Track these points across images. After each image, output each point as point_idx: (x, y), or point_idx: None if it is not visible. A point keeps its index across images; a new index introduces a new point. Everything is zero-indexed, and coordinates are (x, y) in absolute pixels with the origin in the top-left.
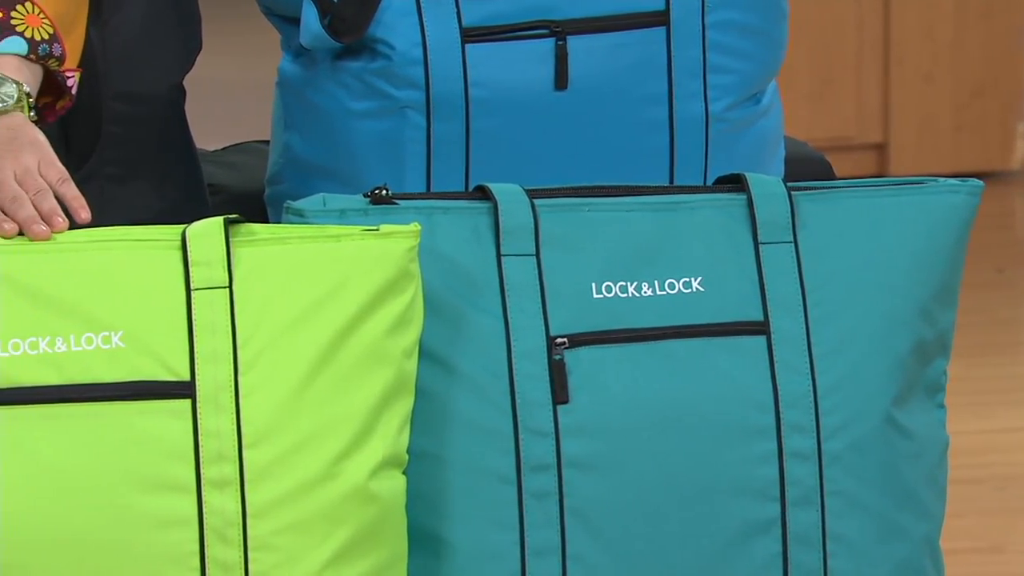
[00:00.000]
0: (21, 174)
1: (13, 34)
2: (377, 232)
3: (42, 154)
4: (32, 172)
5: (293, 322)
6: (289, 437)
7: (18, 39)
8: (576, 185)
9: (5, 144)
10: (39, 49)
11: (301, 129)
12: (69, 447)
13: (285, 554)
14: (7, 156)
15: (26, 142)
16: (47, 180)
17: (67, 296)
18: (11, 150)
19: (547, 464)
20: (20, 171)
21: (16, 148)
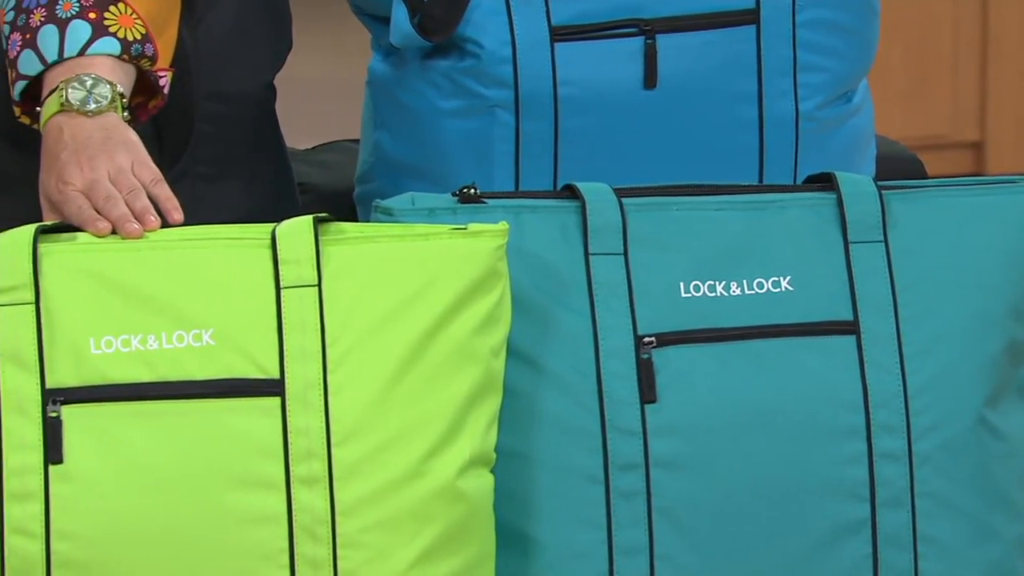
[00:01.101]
0: (115, 174)
1: (106, 35)
2: (465, 231)
3: (136, 155)
4: (125, 172)
5: (381, 320)
6: (377, 435)
7: (111, 40)
8: (664, 184)
9: (99, 144)
10: (132, 49)
11: (391, 128)
12: (161, 444)
13: (374, 552)
14: (101, 156)
15: (120, 142)
16: (140, 180)
17: (159, 294)
18: (105, 150)
19: (635, 463)
20: (114, 171)
21: (110, 148)
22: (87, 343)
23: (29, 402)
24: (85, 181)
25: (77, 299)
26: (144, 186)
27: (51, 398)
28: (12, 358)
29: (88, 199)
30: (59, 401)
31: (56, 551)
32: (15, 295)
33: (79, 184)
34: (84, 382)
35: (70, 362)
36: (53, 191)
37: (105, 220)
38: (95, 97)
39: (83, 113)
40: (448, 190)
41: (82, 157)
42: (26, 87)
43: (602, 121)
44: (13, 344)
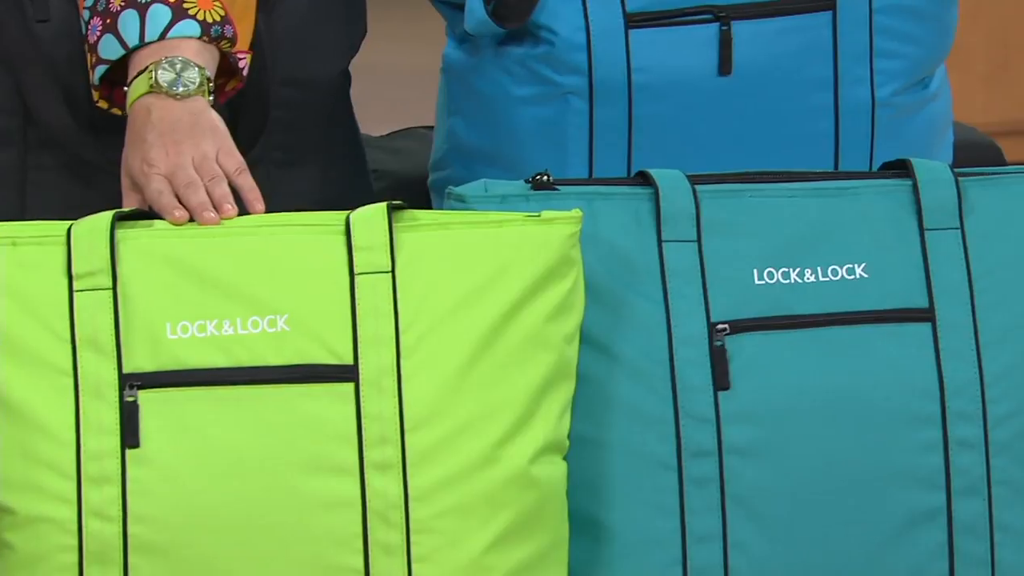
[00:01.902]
0: (199, 160)
1: (186, 17)
2: (539, 218)
3: (221, 142)
4: (209, 159)
5: (454, 307)
6: (450, 421)
7: (191, 22)
8: (738, 171)
9: (186, 129)
10: (211, 31)
11: (465, 115)
12: (236, 429)
13: (446, 537)
14: (187, 142)
15: (207, 128)
16: (224, 169)
17: (234, 280)
18: (192, 136)
19: (708, 450)
20: (198, 157)
21: (197, 134)
22: (163, 328)
23: (106, 387)
24: (169, 165)
25: (154, 285)
26: (227, 174)
27: (128, 383)
28: (90, 343)
29: (170, 183)
30: (136, 386)
31: (133, 534)
32: (93, 280)
33: (163, 168)
34: (160, 367)
35: (147, 347)
36: (137, 172)
37: (183, 209)
38: (184, 80)
39: (172, 95)
40: (521, 177)
41: (168, 141)
42: (106, 71)
43: (676, 108)
44: (91, 329)
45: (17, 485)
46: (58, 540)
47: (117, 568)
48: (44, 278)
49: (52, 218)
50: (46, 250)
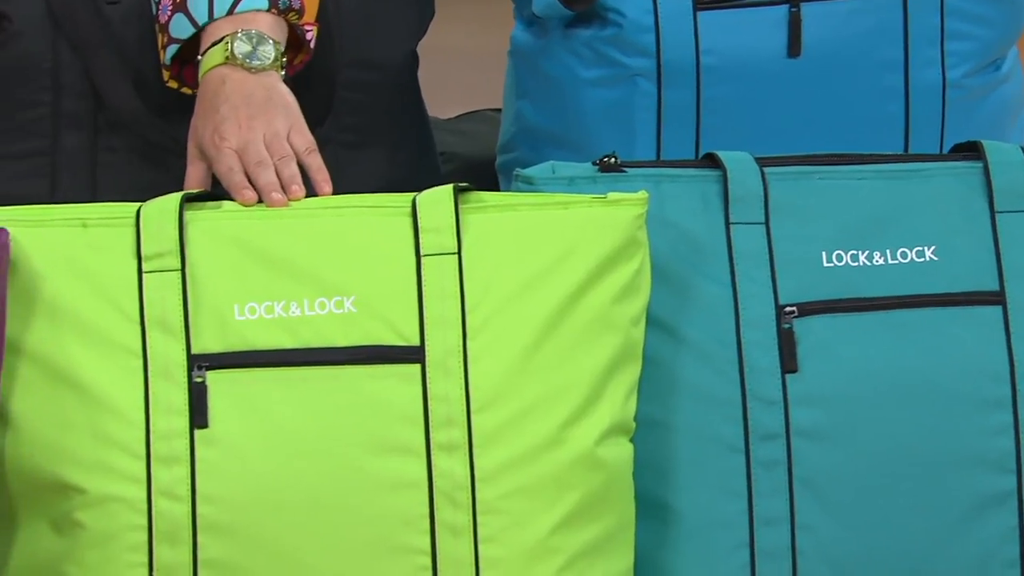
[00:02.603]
0: (270, 138)
1: None
2: (605, 200)
3: (293, 120)
4: (281, 137)
5: (521, 289)
6: (516, 402)
7: None
8: (807, 153)
9: (260, 104)
10: (279, 3)
11: (532, 97)
12: (303, 410)
13: (513, 518)
14: (260, 117)
15: (280, 105)
16: (294, 147)
17: (301, 261)
18: (265, 112)
19: (776, 433)
20: (270, 134)
21: (270, 111)
22: (231, 309)
23: (175, 367)
24: (241, 140)
25: (222, 266)
26: (297, 153)
27: (196, 363)
28: (159, 324)
29: (240, 159)
30: (204, 367)
31: (202, 514)
32: (162, 262)
33: (234, 142)
34: (228, 348)
35: (215, 328)
36: (208, 143)
37: (251, 190)
38: (260, 54)
39: (247, 68)
40: (589, 159)
41: (241, 115)
42: (177, 51)
43: (745, 90)
44: (160, 310)
45: (88, 465)
46: (128, 519)
47: (186, 547)
48: (114, 259)
49: (122, 200)
50: (116, 231)
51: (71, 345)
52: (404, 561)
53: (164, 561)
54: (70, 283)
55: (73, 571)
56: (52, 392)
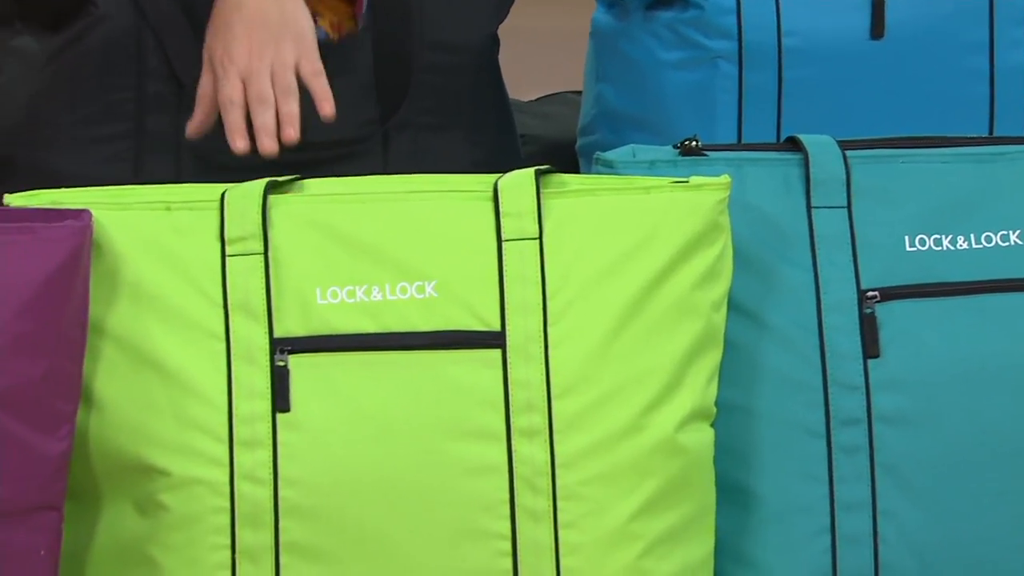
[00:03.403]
0: (277, 67)
1: None
2: (687, 184)
3: (304, 49)
4: (287, 68)
5: (602, 273)
6: (597, 388)
7: None
8: (890, 136)
9: (274, 29)
10: None
11: (613, 80)
12: (384, 394)
13: (593, 504)
14: (271, 45)
15: (294, 32)
16: (301, 73)
17: (383, 245)
18: (277, 39)
19: (857, 418)
20: (278, 64)
21: (283, 38)
22: (313, 293)
23: (258, 351)
24: (248, 67)
25: (304, 250)
26: (303, 76)
27: (279, 347)
28: (241, 307)
29: (245, 87)
30: (286, 350)
31: (284, 497)
32: (245, 245)
33: (241, 66)
34: (310, 332)
35: (297, 312)
36: (217, 60)
37: (245, 139)
38: None
39: None
40: (670, 142)
41: (254, 38)
42: None
43: (827, 72)
44: (243, 294)
45: (171, 447)
46: (211, 502)
47: (268, 530)
48: (197, 243)
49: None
50: (200, 215)
51: (154, 328)
52: (484, 546)
53: (247, 544)
54: (153, 266)
55: (157, 552)
56: (136, 374)
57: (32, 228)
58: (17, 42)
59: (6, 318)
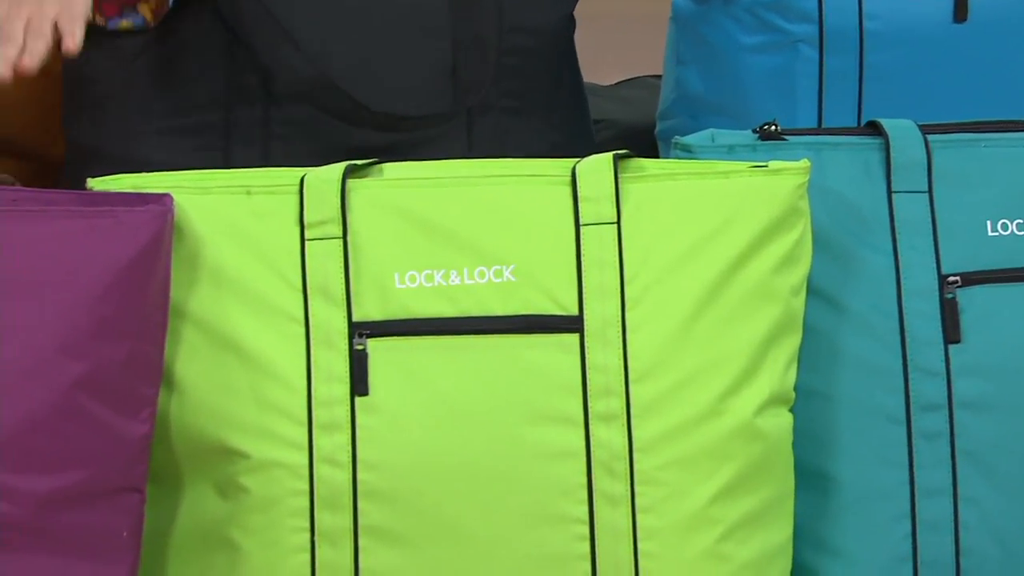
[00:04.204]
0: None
1: None
2: (766, 168)
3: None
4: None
5: (680, 258)
6: (675, 373)
7: None
8: (972, 120)
9: None
10: None
11: (693, 64)
12: (462, 378)
13: (671, 489)
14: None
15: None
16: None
17: (461, 229)
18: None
19: (938, 404)
20: (35, 15)
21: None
22: (392, 278)
23: (336, 335)
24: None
25: (382, 234)
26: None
27: (357, 331)
28: (320, 291)
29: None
30: (365, 334)
31: (362, 481)
32: (324, 230)
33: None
34: (389, 316)
35: (375, 296)
36: None
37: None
38: None
39: None
40: (749, 127)
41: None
42: None
43: (909, 56)
44: (322, 278)
45: (251, 430)
46: (290, 485)
47: (347, 513)
48: (277, 227)
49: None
50: (279, 199)
51: (234, 311)
52: (562, 530)
53: (326, 526)
54: (233, 249)
55: (237, 534)
56: (216, 357)
57: (114, 212)
58: (106, 34)
59: (89, 302)
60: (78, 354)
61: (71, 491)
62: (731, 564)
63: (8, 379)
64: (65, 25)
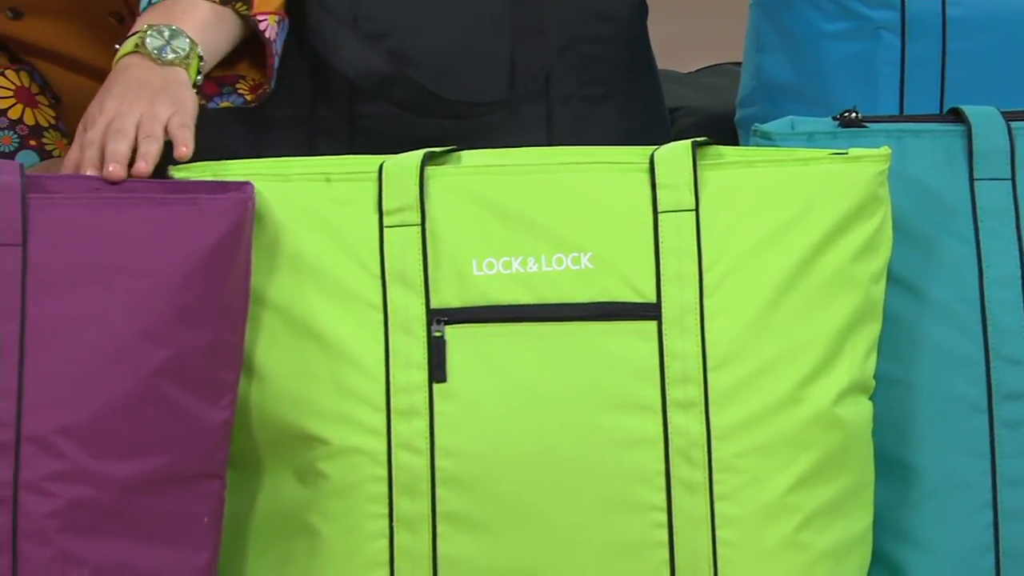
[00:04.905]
0: (146, 119)
1: None
2: (846, 156)
3: (179, 108)
4: (157, 120)
5: (759, 246)
6: (753, 360)
7: None
8: None
9: (152, 91)
10: None
11: (773, 51)
12: (540, 365)
13: (749, 476)
14: (144, 100)
15: (173, 96)
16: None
17: (539, 216)
18: (152, 97)
19: (1020, 393)
20: (147, 115)
21: (158, 97)
22: (470, 265)
23: (415, 322)
24: (116, 112)
25: (460, 221)
26: (171, 127)
27: (435, 318)
28: (399, 278)
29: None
30: (443, 321)
31: (440, 467)
32: (402, 216)
33: (110, 115)
34: (466, 303)
35: (453, 283)
36: (88, 117)
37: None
38: (172, 47)
39: (155, 60)
40: (829, 114)
41: (130, 96)
42: None
43: (992, 42)
44: (400, 265)
45: (330, 416)
46: (369, 471)
47: (425, 499)
48: (356, 214)
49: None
50: (358, 186)
51: (314, 298)
52: (639, 517)
53: (404, 512)
54: (313, 236)
55: (316, 520)
56: (295, 344)
57: (196, 200)
58: None
59: (171, 289)
60: (160, 341)
61: (153, 476)
62: (810, 553)
63: (91, 365)
64: (176, 131)
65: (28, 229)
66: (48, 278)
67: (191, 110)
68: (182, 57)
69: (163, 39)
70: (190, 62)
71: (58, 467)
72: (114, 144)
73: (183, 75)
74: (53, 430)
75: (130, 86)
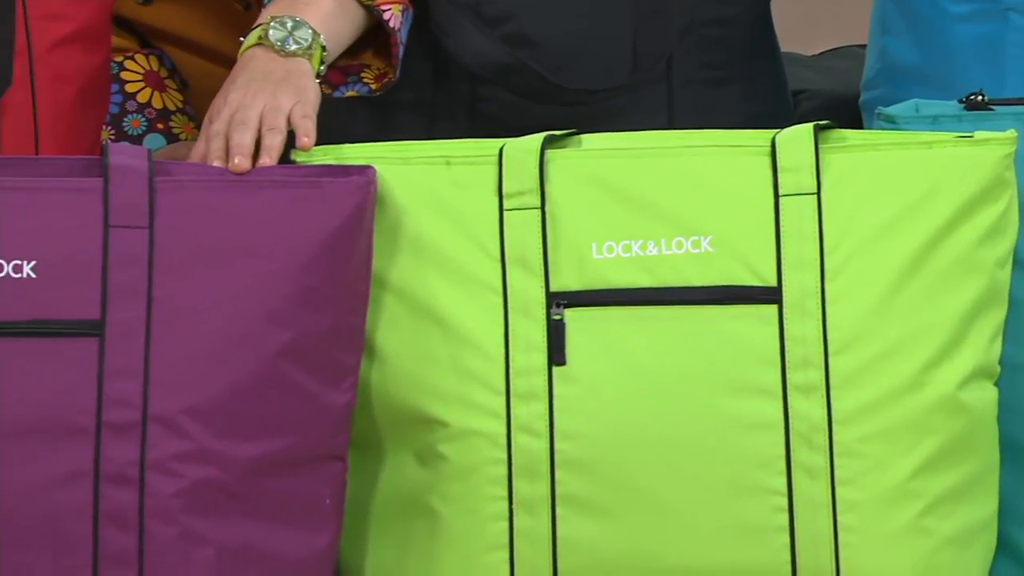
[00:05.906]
0: (269, 110)
1: None
2: (971, 139)
3: (301, 98)
4: (280, 112)
5: (881, 229)
6: (875, 345)
7: None
8: None
9: (276, 81)
10: None
11: (899, 33)
12: (659, 348)
13: (872, 461)
14: (267, 91)
15: (295, 87)
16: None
17: (659, 200)
18: (275, 88)
19: None
20: (270, 106)
21: (281, 88)
22: (589, 248)
23: (534, 304)
24: (240, 103)
25: (580, 204)
26: (294, 118)
27: (555, 301)
28: (518, 261)
29: (231, 119)
30: (562, 304)
31: (559, 450)
32: (522, 200)
33: (234, 106)
34: (586, 286)
35: (573, 266)
36: (213, 109)
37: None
38: (295, 39)
39: (278, 51)
40: (954, 97)
41: (253, 86)
42: None
43: None
44: (520, 248)
45: (450, 399)
46: (489, 453)
47: (544, 482)
48: (476, 197)
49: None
50: (478, 169)
51: (434, 280)
52: (760, 501)
53: (523, 495)
54: (433, 219)
55: (436, 502)
56: (416, 327)
57: (319, 183)
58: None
59: (294, 272)
60: (283, 323)
61: (276, 458)
62: (933, 539)
63: (215, 347)
64: (299, 121)
65: (155, 212)
66: (174, 261)
67: (313, 100)
68: (305, 48)
69: (286, 30)
70: (313, 52)
71: (184, 447)
72: (239, 136)
73: (306, 66)
74: (179, 411)
75: (253, 77)
